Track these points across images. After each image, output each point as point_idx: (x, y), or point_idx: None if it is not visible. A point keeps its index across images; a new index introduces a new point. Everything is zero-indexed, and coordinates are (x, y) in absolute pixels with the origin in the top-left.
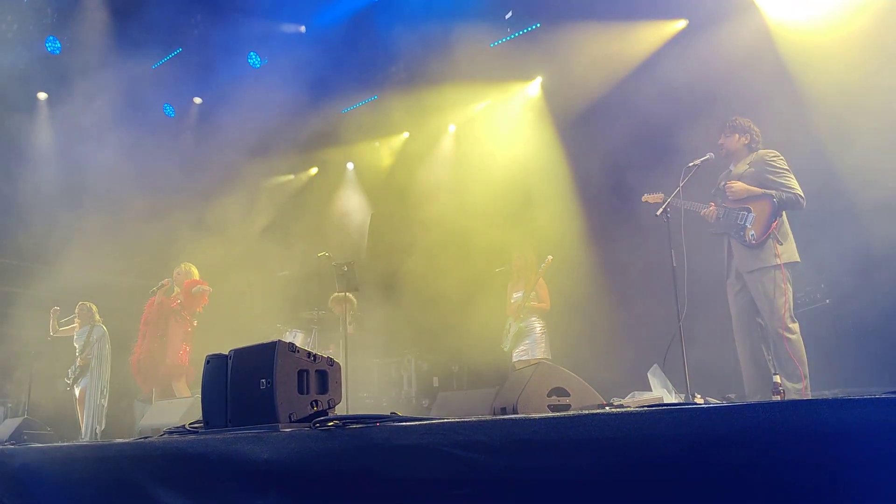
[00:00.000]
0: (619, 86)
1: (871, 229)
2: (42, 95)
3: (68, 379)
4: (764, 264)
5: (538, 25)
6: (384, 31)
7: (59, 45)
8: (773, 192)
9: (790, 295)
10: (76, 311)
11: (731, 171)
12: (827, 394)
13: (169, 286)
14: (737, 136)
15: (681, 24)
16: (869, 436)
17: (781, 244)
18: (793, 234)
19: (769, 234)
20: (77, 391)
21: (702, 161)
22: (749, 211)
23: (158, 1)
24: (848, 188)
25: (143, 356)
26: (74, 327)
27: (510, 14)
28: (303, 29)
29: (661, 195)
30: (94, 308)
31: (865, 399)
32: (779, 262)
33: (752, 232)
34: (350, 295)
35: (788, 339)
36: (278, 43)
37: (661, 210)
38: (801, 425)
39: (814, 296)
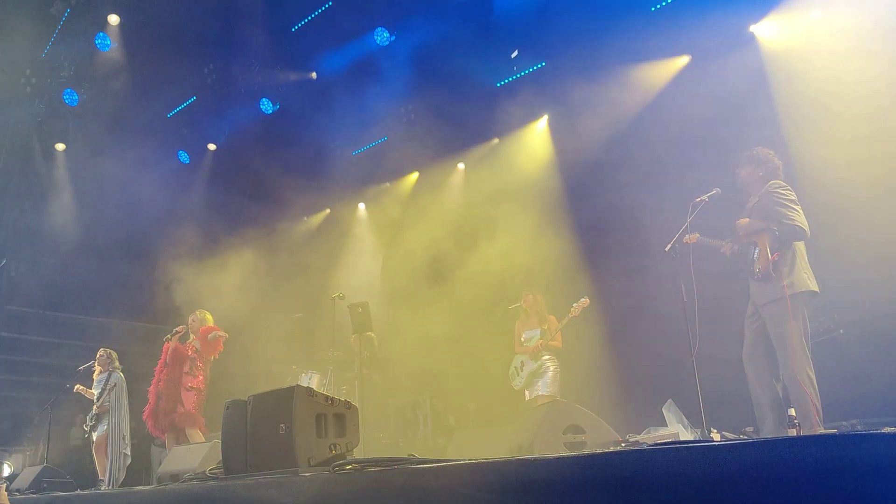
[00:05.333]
0: (626, 122)
1: (884, 258)
2: (60, 146)
3: (86, 426)
4: (773, 297)
5: (544, 64)
6: (392, 74)
7: (76, 96)
8: (773, 225)
9: (802, 326)
10: (97, 357)
11: (746, 205)
12: (845, 425)
13: (184, 333)
14: (751, 167)
15: (684, 59)
16: (881, 471)
17: (787, 275)
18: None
19: (770, 267)
20: (95, 437)
21: (708, 196)
22: (755, 245)
23: (172, 52)
24: (860, 217)
25: (156, 403)
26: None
27: (516, 53)
28: (313, 75)
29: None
30: (114, 355)
31: (875, 434)
32: (786, 294)
33: (758, 266)
34: (372, 335)
35: (799, 371)
36: (289, 89)
37: (669, 246)
38: (815, 461)
39: (827, 325)
